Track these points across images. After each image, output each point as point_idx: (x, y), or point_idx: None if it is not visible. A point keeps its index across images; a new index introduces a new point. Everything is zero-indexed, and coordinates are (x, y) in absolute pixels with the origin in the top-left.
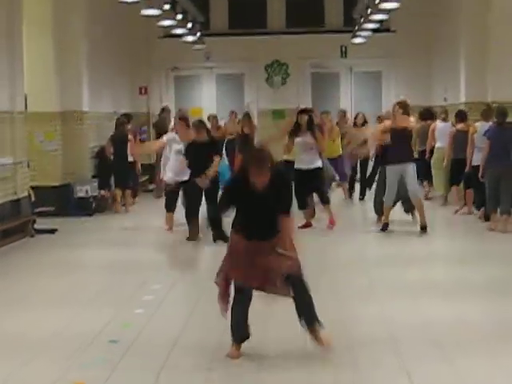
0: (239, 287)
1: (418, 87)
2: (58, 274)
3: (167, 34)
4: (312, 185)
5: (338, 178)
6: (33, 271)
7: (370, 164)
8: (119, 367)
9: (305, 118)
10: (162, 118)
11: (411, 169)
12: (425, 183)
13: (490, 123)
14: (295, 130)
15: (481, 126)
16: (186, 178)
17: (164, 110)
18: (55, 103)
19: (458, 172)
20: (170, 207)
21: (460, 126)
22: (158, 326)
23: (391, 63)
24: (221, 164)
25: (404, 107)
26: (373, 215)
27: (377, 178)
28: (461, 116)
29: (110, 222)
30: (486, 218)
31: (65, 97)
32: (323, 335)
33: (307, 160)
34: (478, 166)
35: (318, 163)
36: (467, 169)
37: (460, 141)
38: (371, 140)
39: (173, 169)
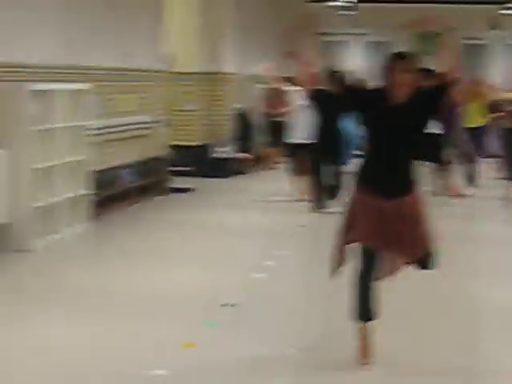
0: (365, 252)
1: None
2: (185, 234)
3: None
4: None
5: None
6: (162, 229)
7: None
8: (233, 332)
9: None
10: None
11: None
12: None
13: None
14: None
15: None
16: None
17: None
18: (199, 64)
19: None
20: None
21: None
22: (276, 292)
23: None
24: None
25: None
26: None
27: None
28: None
29: (247, 185)
30: None
31: (209, 58)
32: None
33: None
34: None
35: None
36: None
37: None
38: None
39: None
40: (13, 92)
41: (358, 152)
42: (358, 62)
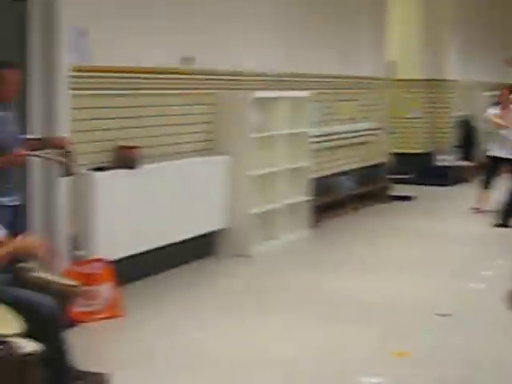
0: None
1: None
2: (405, 241)
3: None
4: None
5: None
6: (382, 236)
7: None
8: (447, 342)
9: None
10: None
11: None
12: None
13: None
14: None
15: None
16: None
17: None
18: (422, 70)
19: None
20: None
21: None
22: (492, 304)
23: None
24: None
25: None
26: None
27: None
28: None
29: (469, 193)
30: None
31: (431, 64)
32: None
33: None
34: None
35: None
36: None
37: None
38: None
39: None
40: (238, 100)
41: None
42: None
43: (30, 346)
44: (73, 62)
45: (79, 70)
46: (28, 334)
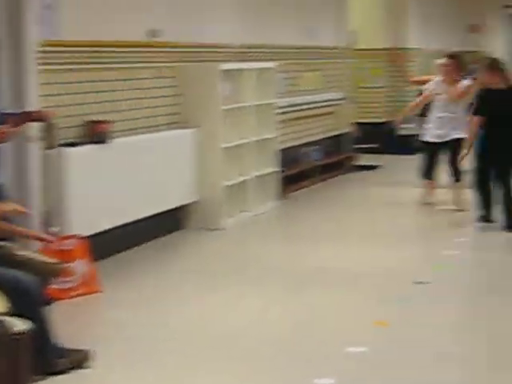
0: None
1: None
2: (368, 209)
3: None
4: None
5: None
6: (347, 207)
7: None
8: (422, 309)
9: None
10: None
11: None
12: None
13: None
14: None
15: None
16: None
17: None
18: (382, 39)
19: None
20: None
21: None
22: (469, 270)
23: None
24: None
25: None
26: None
27: None
28: None
29: None
30: None
31: (393, 33)
32: None
33: None
34: None
35: None
36: None
37: None
38: None
39: None
40: (206, 72)
41: None
42: None
43: (20, 325)
44: (41, 36)
45: (48, 45)
46: (12, 312)
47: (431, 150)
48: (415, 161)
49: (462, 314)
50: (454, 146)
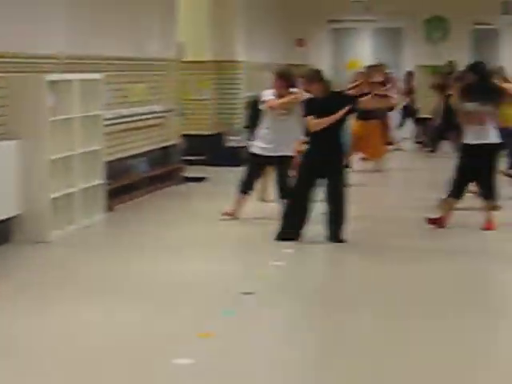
0: None
1: None
2: (199, 222)
3: None
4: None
5: None
6: (175, 218)
7: None
8: (251, 320)
9: None
10: None
11: None
12: None
13: None
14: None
15: None
16: None
17: None
18: (210, 52)
19: None
20: None
21: None
22: (295, 280)
23: None
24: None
25: None
26: None
27: None
28: None
29: None
30: None
31: (220, 46)
32: None
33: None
34: None
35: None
36: None
37: None
38: None
39: None
40: (31, 83)
41: None
42: (365, 49)
43: None
44: None
45: None
46: None
47: (256, 163)
48: (241, 172)
49: (288, 322)
50: (280, 163)
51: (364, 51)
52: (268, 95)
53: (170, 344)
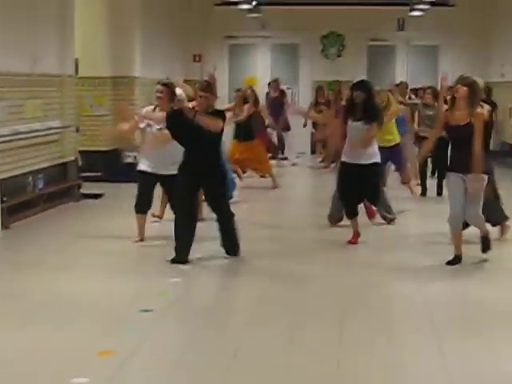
0: None
1: (475, 63)
2: (97, 240)
3: (223, 1)
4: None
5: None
6: (72, 237)
7: None
8: (150, 337)
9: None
10: None
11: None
12: None
13: None
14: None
15: None
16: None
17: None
18: (106, 68)
19: None
20: None
21: None
22: (193, 295)
23: (449, 38)
24: None
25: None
26: None
27: None
28: None
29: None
30: None
31: (116, 62)
32: None
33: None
34: None
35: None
36: None
37: None
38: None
39: None
40: None
41: None
42: (263, 65)
43: None
44: None
45: None
46: None
47: (146, 181)
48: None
49: (186, 337)
50: (167, 182)
51: (262, 67)
52: (147, 111)
53: (67, 363)
